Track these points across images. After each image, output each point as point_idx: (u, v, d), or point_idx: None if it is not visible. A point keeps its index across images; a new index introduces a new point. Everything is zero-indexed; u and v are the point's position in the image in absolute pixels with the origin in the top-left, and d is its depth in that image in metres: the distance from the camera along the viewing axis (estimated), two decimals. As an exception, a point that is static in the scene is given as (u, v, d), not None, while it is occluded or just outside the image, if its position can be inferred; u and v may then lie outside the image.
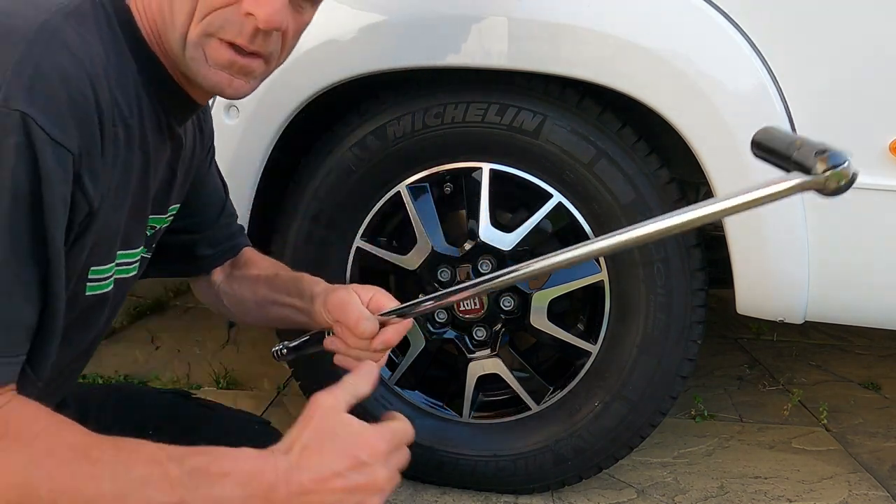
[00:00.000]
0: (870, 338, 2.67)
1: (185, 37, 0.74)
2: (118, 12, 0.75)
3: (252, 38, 0.74)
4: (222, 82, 0.77)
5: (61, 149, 0.64)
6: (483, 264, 1.44)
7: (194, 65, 0.76)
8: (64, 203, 0.66)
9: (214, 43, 0.74)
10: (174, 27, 0.74)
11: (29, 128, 0.62)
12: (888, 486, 1.67)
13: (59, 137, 0.64)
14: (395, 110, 1.41)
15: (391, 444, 0.70)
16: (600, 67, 1.26)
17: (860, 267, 1.27)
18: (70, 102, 0.65)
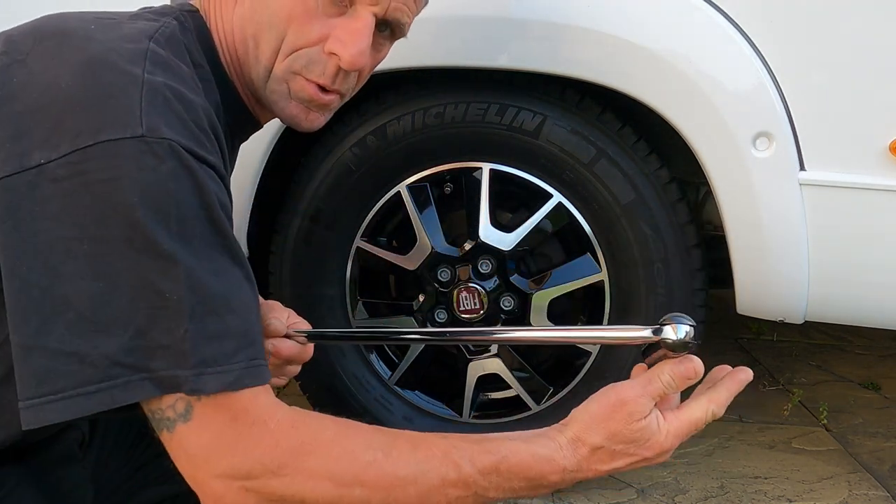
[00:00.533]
0: (870, 338, 2.67)
1: (271, 70, 0.77)
2: (201, 38, 0.77)
3: (334, 77, 0.77)
4: (300, 116, 0.80)
5: (206, 166, 0.67)
6: (483, 264, 1.44)
7: (275, 97, 0.79)
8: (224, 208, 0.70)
9: (300, 80, 0.77)
10: (259, 61, 0.77)
11: (178, 152, 0.63)
12: (888, 486, 1.67)
13: (203, 155, 0.66)
14: (395, 110, 1.41)
15: (683, 440, 0.72)
16: (600, 67, 1.26)
17: (860, 267, 1.26)
18: (197, 123, 0.67)
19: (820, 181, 1.22)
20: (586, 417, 0.72)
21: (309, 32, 0.75)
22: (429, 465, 0.68)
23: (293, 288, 1.53)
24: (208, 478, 0.65)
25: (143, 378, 0.62)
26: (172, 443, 0.65)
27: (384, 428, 0.71)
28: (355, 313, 1.55)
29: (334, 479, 0.65)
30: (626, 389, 0.72)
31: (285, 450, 0.65)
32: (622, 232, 1.37)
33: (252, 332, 0.67)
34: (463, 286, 1.45)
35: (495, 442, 0.71)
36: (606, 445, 0.70)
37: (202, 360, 0.63)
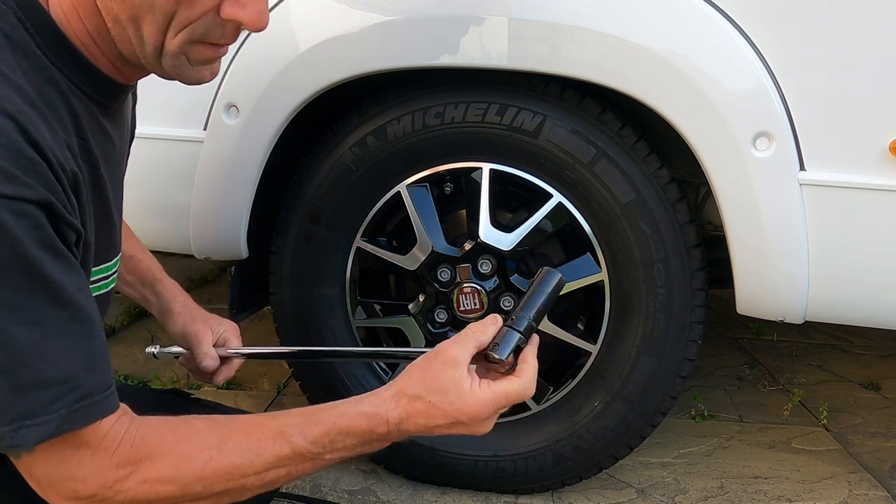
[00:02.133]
0: (870, 338, 2.67)
1: (161, 48, 0.74)
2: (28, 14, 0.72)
3: (234, 35, 0.77)
4: (205, 75, 0.80)
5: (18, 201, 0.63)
6: (483, 264, 1.44)
7: (176, 70, 0.77)
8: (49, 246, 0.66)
9: (199, 47, 0.76)
10: (144, 42, 0.74)
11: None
12: (888, 486, 1.68)
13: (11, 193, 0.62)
14: (395, 110, 1.41)
15: (497, 410, 0.80)
16: (600, 67, 1.26)
17: (860, 267, 1.26)
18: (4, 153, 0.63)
19: (820, 181, 1.22)
20: (410, 370, 0.81)
21: (202, 3, 0.72)
22: (262, 448, 0.75)
23: (293, 288, 1.53)
24: (57, 499, 0.71)
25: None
26: (20, 468, 0.71)
27: (222, 419, 0.78)
28: (355, 313, 1.55)
29: (175, 482, 0.72)
30: (442, 343, 0.82)
31: (125, 469, 0.71)
32: (622, 232, 1.37)
33: (73, 377, 0.68)
34: (463, 286, 1.45)
35: (325, 411, 0.79)
36: (423, 396, 0.79)
37: (19, 414, 0.65)
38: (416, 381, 0.80)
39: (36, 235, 0.65)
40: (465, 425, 0.80)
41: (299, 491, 1.56)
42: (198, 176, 1.45)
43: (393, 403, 0.79)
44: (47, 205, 0.66)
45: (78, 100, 0.76)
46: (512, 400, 0.80)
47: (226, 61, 1.38)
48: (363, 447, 0.80)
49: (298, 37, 1.35)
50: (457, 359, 0.79)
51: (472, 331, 0.83)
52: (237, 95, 1.40)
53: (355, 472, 1.64)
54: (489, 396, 0.79)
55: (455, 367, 0.79)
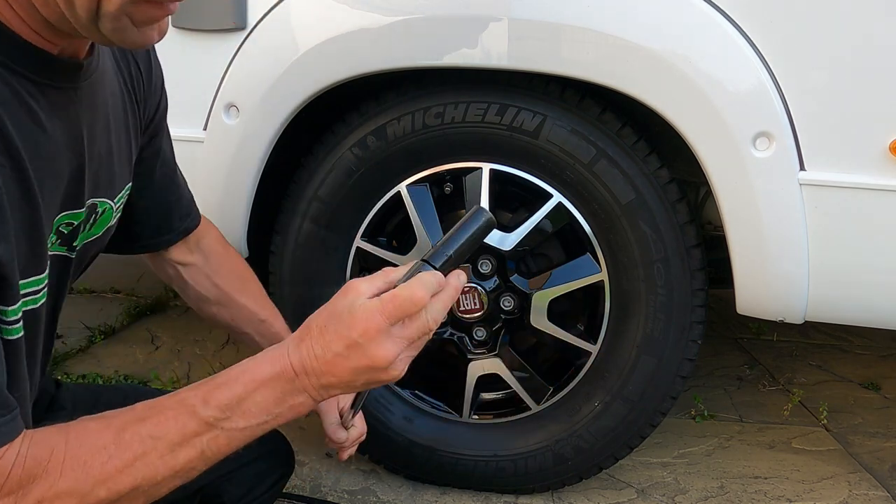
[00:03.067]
0: (870, 338, 2.67)
1: (97, 11, 0.64)
2: None
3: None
4: (153, 36, 0.70)
5: None
6: (483, 264, 1.44)
7: (118, 34, 0.66)
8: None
9: (142, 6, 0.66)
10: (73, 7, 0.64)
11: None
12: (888, 486, 1.67)
13: None
14: (395, 110, 1.41)
15: (391, 319, 0.70)
16: (600, 67, 1.26)
17: (860, 267, 1.26)
18: None
19: (820, 181, 1.22)
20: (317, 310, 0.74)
21: None
22: (162, 430, 0.68)
23: (293, 288, 1.53)
24: None
25: None
26: None
27: (118, 412, 0.71)
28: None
29: (74, 494, 0.66)
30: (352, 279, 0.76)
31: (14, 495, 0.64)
32: (622, 232, 1.37)
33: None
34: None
35: (228, 371, 0.72)
36: (322, 324, 0.71)
37: None
38: (318, 315, 0.73)
39: None
40: (361, 346, 0.69)
41: (299, 491, 1.56)
42: (198, 176, 1.45)
43: (295, 342, 0.72)
44: None
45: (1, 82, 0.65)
46: (400, 304, 0.70)
47: (226, 61, 1.38)
48: (279, 406, 0.71)
49: (298, 37, 1.35)
50: (359, 288, 0.72)
51: (384, 270, 0.77)
52: (237, 95, 1.40)
53: (355, 472, 1.64)
54: (374, 303, 0.70)
55: (356, 296, 0.71)
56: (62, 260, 0.81)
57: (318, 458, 1.70)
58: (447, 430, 1.54)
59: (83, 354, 2.26)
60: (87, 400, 1.02)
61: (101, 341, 2.37)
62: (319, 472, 1.64)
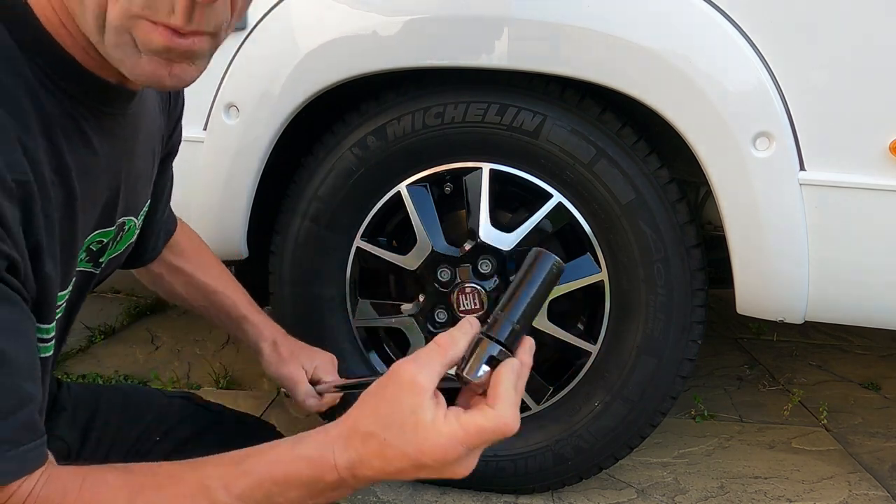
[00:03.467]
0: (870, 338, 2.67)
1: (104, 20, 0.58)
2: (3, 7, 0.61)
3: (188, 15, 0.58)
4: (159, 72, 0.61)
5: None
6: (483, 264, 1.44)
7: (118, 53, 0.60)
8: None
9: (144, 25, 0.58)
10: (84, 9, 0.59)
11: None
12: (888, 486, 1.67)
13: None
14: (395, 110, 1.41)
15: (469, 448, 0.60)
16: (600, 67, 1.26)
17: (860, 267, 1.26)
18: None
19: (820, 181, 1.22)
20: (363, 399, 0.61)
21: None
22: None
23: (293, 288, 1.53)
24: None
25: None
26: None
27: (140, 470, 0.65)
28: (356, 314, 1.55)
29: None
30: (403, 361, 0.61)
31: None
32: (622, 232, 1.37)
33: None
34: (463, 286, 1.45)
35: (256, 457, 0.63)
36: (377, 432, 0.59)
37: None
38: (369, 415, 0.61)
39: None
40: (434, 469, 0.60)
41: (299, 491, 1.56)
42: (198, 176, 1.45)
43: (342, 444, 0.61)
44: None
45: (50, 96, 0.63)
46: (488, 437, 0.59)
47: (226, 61, 1.38)
48: (314, 498, 0.63)
49: (298, 37, 1.35)
50: (417, 383, 0.60)
51: (439, 344, 0.63)
52: (237, 95, 1.40)
53: (355, 472, 1.64)
54: (455, 431, 0.59)
55: (415, 394, 0.59)
56: (86, 276, 0.80)
57: (318, 458, 1.69)
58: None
59: (83, 354, 2.26)
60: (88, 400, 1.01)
61: (101, 341, 2.37)
62: (319, 472, 1.64)
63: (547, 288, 0.66)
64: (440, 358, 0.63)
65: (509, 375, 0.62)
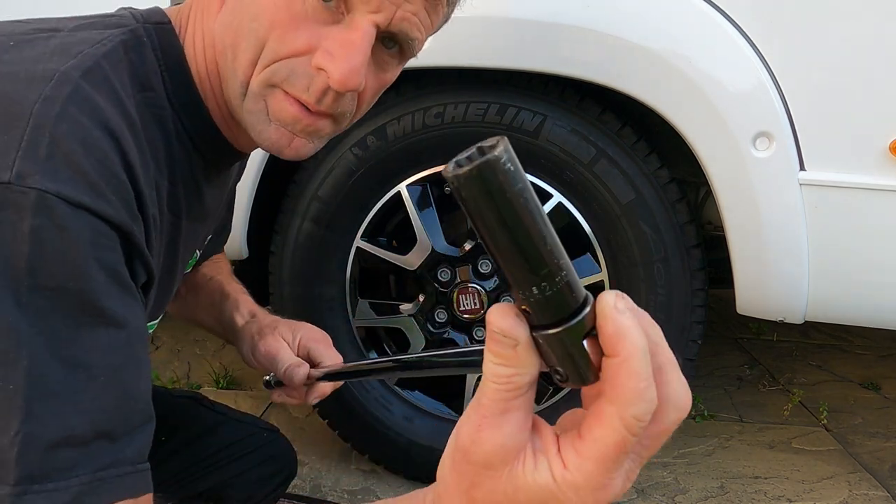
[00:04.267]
0: (870, 338, 2.67)
1: (248, 86, 0.64)
2: (167, 55, 0.66)
3: (321, 96, 0.63)
4: (281, 142, 0.66)
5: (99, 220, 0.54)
6: (483, 264, 1.44)
7: (252, 118, 0.66)
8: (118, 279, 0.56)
9: (279, 95, 0.64)
10: (235, 74, 0.65)
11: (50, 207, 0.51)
12: (888, 486, 1.67)
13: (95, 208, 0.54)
14: (395, 110, 1.41)
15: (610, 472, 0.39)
16: (600, 67, 1.26)
17: (860, 267, 1.26)
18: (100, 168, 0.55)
19: (820, 181, 1.22)
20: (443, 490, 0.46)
21: (294, 41, 0.61)
22: None
23: (293, 288, 1.53)
24: None
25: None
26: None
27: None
28: (356, 314, 1.55)
29: None
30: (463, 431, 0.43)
31: None
32: (622, 232, 1.37)
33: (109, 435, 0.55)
34: (463, 286, 1.45)
35: None
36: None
37: (28, 474, 0.51)
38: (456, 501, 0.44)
39: (107, 261, 0.55)
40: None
41: (299, 491, 1.56)
42: (198, 176, 1.45)
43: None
44: (128, 233, 0.56)
45: (181, 144, 0.67)
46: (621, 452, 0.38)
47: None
48: None
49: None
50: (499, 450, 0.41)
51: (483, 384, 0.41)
52: (237, 95, 1.40)
53: (355, 472, 1.64)
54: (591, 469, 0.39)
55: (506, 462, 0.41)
56: None
57: (318, 458, 1.70)
58: (447, 430, 1.53)
59: (83, 354, 2.26)
60: None
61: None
62: (319, 472, 1.64)
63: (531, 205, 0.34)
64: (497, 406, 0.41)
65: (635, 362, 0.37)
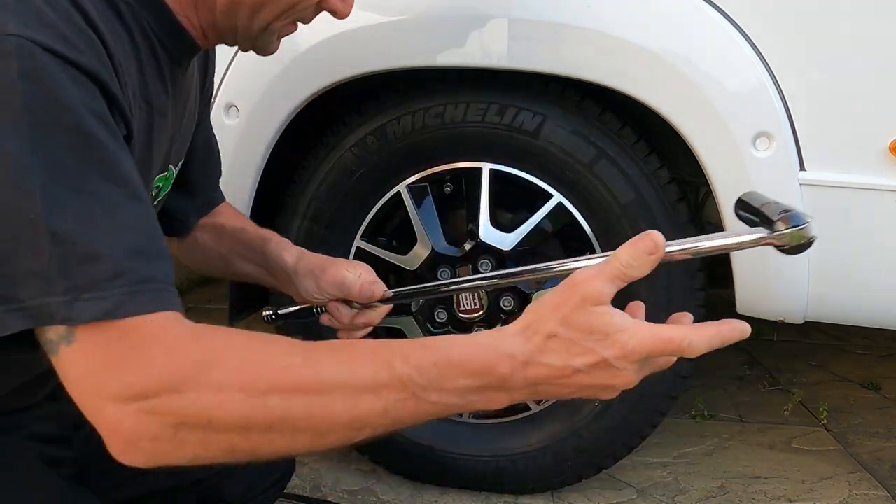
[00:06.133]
0: (870, 338, 2.67)
1: (267, 27, 0.78)
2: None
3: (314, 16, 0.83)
4: (277, 47, 0.84)
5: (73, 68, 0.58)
6: (483, 264, 1.44)
7: (263, 43, 0.81)
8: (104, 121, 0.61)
9: (289, 26, 0.81)
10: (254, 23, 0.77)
11: (30, 52, 0.56)
12: (888, 486, 1.67)
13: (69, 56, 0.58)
14: (395, 110, 1.41)
15: (652, 352, 0.62)
16: (601, 68, 1.26)
17: (860, 267, 1.26)
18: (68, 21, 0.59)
19: (820, 181, 1.22)
20: (538, 307, 0.63)
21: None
22: (355, 366, 0.60)
23: (293, 288, 1.53)
24: (100, 403, 0.58)
25: (12, 309, 0.58)
26: (59, 367, 0.59)
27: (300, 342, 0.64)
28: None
29: (245, 390, 0.57)
30: (580, 273, 0.63)
31: (185, 362, 0.58)
32: (622, 232, 1.37)
33: (138, 254, 0.60)
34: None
35: (434, 339, 0.64)
36: (562, 332, 0.60)
37: (74, 285, 0.57)
38: (552, 317, 0.61)
39: (91, 106, 0.59)
40: (611, 368, 0.61)
41: (299, 491, 1.56)
42: (198, 176, 1.45)
43: (521, 338, 0.61)
44: (102, 83, 0.61)
45: (145, 39, 0.73)
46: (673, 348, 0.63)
47: (225, 61, 1.38)
48: (477, 395, 0.61)
49: (298, 37, 1.34)
50: (599, 294, 0.62)
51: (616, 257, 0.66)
52: (237, 96, 1.40)
53: (355, 472, 1.64)
54: (645, 338, 0.62)
55: (600, 304, 0.61)
56: None
57: (318, 457, 1.70)
58: (447, 430, 1.54)
59: (83, 354, 2.26)
60: None
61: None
62: (319, 472, 1.64)
63: None
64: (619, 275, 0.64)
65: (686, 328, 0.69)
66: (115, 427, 0.58)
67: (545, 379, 0.62)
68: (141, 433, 0.57)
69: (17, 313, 0.57)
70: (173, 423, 0.57)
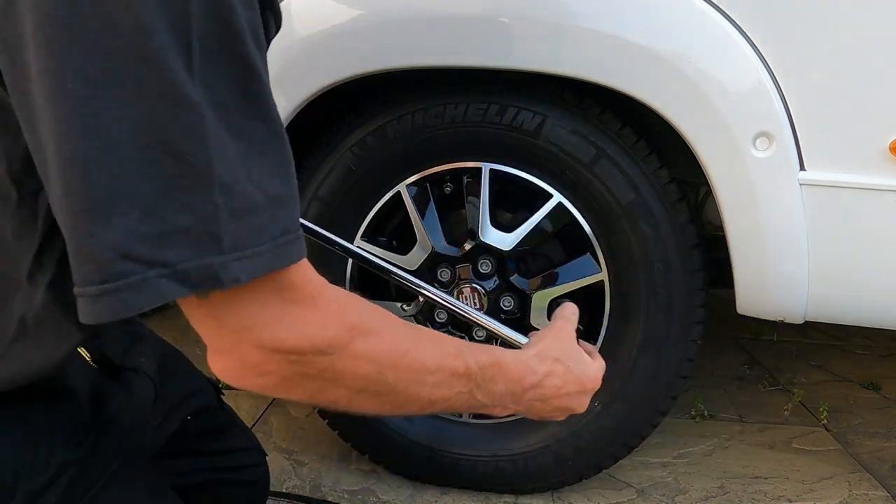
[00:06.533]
0: (870, 338, 2.67)
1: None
2: None
3: None
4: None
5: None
6: (483, 264, 1.44)
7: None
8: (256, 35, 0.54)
9: None
10: None
11: None
12: (888, 486, 1.67)
13: None
14: (395, 110, 1.41)
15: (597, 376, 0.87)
16: (601, 67, 1.26)
17: (860, 267, 1.26)
18: None
19: (820, 181, 1.22)
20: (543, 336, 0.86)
21: None
22: (446, 360, 0.71)
23: (293, 288, 1.53)
24: (247, 346, 0.58)
25: (161, 275, 0.49)
26: (201, 310, 0.56)
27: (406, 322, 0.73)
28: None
29: (376, 362, 0.64)
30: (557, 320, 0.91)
31: (337, 331, 0.62)
32: (622, 232, 1.37)
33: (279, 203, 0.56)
34: (463, 286, 1.45)
35: (490, 347, 0.78)
36: (563, 359, 0.82)
37: (235, 243, 0.52)
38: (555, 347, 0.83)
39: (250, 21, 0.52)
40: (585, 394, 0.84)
41: (299, 491, 1.56)
42: (198, 176, 1.45)
43: (538, 359, 0.80)
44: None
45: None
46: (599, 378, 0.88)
47: (226, 61, 1.38)
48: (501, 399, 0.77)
49: (298, 37, 1.35)
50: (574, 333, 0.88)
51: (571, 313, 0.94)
52: (237, 95, 1.40)
53: (355, 472, 1.64)
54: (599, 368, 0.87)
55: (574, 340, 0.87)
56: None
57: (318, 457, 1.70)
58: (447, 430, 1.54)
59: (83, 354, 2.26)
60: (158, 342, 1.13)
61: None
62: (319, 472, 1.64)
63: None
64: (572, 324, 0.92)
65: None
66: (253, 365, 0.59)
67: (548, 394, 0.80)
68: (274, 373, 0.60)
69: (167, 280, 0.49)
70: (308, 374, 0.61)
